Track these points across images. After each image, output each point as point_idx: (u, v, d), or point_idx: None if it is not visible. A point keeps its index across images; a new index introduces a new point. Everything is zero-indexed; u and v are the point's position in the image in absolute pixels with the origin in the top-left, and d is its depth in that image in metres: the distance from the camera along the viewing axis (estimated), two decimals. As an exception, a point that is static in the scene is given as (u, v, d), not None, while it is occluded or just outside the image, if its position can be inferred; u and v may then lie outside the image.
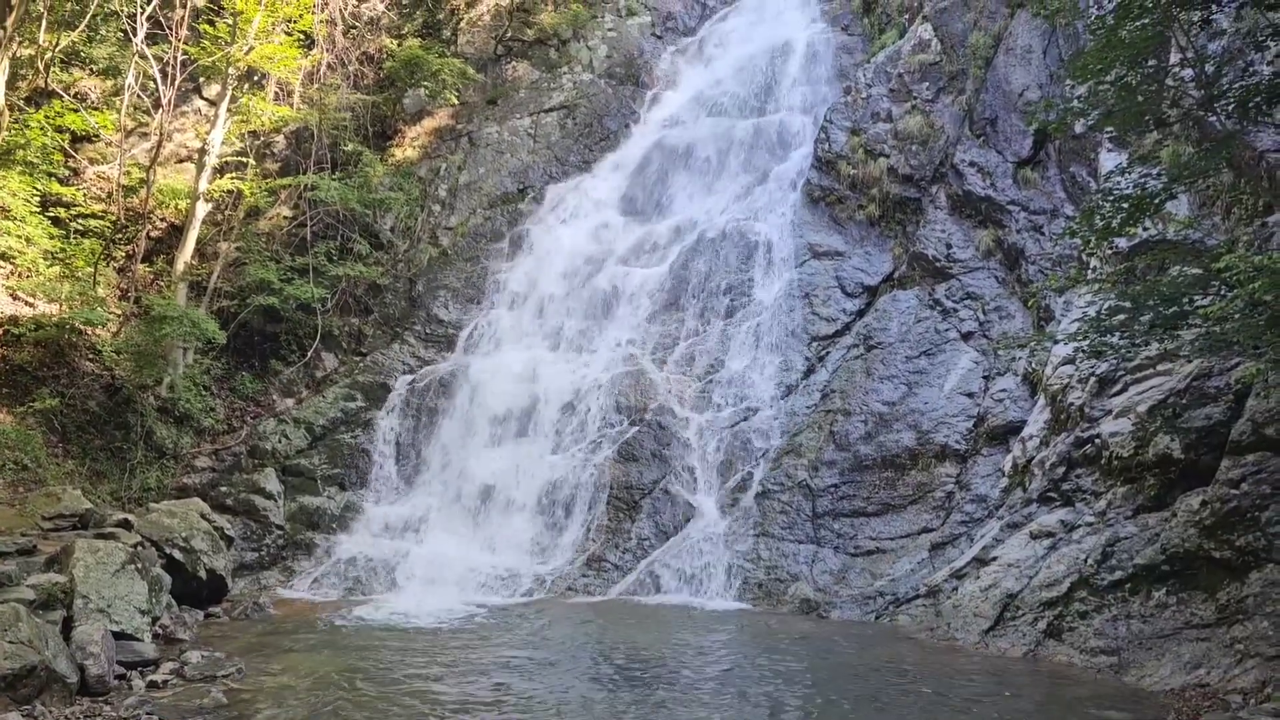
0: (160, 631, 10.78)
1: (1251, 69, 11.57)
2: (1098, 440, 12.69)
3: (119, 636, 9.58)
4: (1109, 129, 12.60)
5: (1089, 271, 14.12)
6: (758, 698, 9.39)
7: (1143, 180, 10.91)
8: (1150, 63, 10.66)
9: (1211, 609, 10.19)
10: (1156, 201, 10.65)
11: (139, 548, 11.23)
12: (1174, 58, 11.34)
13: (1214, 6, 10.49)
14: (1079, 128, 15.42)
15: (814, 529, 15.56)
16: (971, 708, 9.12)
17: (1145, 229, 11.38)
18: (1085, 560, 11.68)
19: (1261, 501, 10.14)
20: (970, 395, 16.20)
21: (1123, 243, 12.76)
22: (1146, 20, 10.17)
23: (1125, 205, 10.75)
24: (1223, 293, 9.35)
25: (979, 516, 14.51)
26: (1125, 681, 10.19)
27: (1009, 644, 11.70)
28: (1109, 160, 15.23)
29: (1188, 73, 11.09)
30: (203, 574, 12.52)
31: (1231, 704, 8.63)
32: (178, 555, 12.23)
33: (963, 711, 8.96)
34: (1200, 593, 10.40)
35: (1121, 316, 10.37)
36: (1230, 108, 10.31)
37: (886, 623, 13.49)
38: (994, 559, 12.96)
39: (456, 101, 23.15)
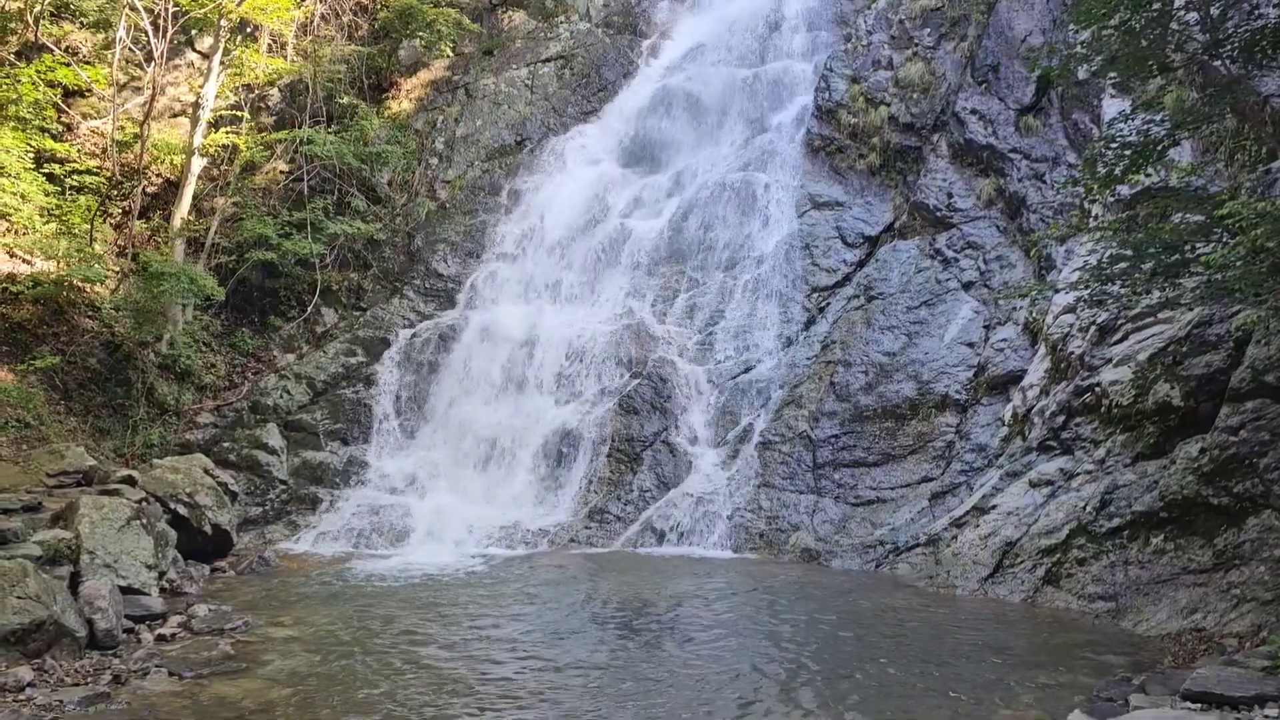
0: (167, 586, 10.89)
1: (1257, 12, 11.38)
2: (1098, 389, 12.72)
3: (126, 591, 9.67)
4: (1112, 75, 12.44)
5: (1091, 220, 14.05)
6: (759, 645, 9.51)
7: (1146, 127, 10.80)
8: (1154, 6, 10.48)
9: (1209, 555, 10.27)
10: (1160, 148, 10.55)
11: (144, 504, 11.30)
12: (1179, 1, 11.16)
13: (1220, -52, 10.29)
14: (1082, 74, 15.22)
15: (814, 479, 15.65)
16: (970, 652, 9.23)
17: (1148, 176, 11.27)
18: (1084, 508, 11.76)
19: (1260, 448, 10.18)
20: (970, 345, 16.20)
21: (1125, 190, 12.67)
22: (1151, -37, 10.00)
23: (1128, 152, 10.65)
24: (1225, 240, 9.30)
25: (979, 466, 14.58)
26: (1122, 626, 10.30)
27: (1008, 591, 11.83)
28: (1112, 107, 15.09)
29: (1192, 16, 10.92)
30: (208, 529, 12.61)
31: (1227, 648, 8.73)
32: (182, 511, 12.30)
33: (961, 655, 9.07)
34: (1198, 539, 10.48)
35: (1123, 265, 10.33)
36: (1235, 52, 10.17)
37: (886, 571, 13.62)
38: (993, 507, 13.05)
39: (452, 53, 22.87)
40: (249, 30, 20.07)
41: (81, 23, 19.41)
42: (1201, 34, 10.52)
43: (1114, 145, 10.88)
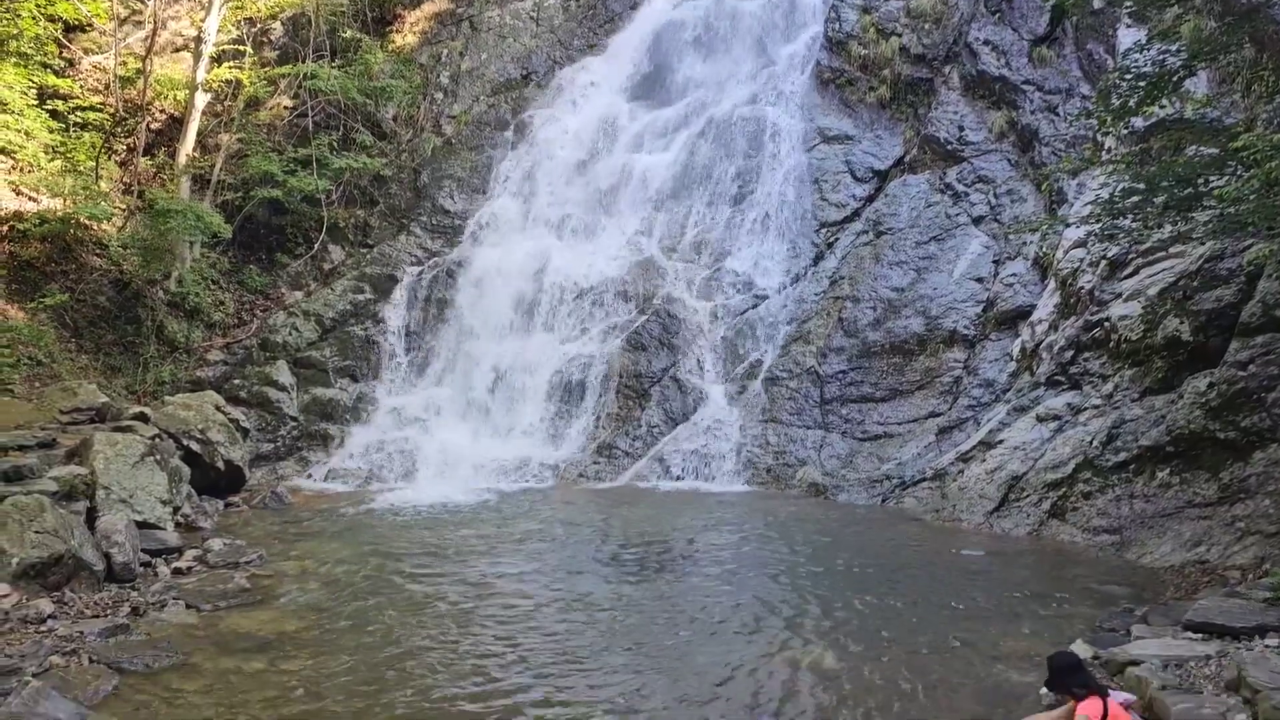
0: (182, 521, 11.03)
1: (1279, -62, 11.12)
2: (1107, 324, 12.68)
3: (142, 526, 9.81)
4: (1128, 4, 12.17)
5: (1104, 153, 13.87)
6: (764, 577, 9.63)
7: (1161, 57, 10.61)
8: (1174, -69, 10.25)
9: (1214, 488, 10.32)
10: (1175, 79, 10.37)
11: (157, 440, 11.41)
12: (1199, -74, 10.89)
13: None
14: (1097, 3, 14.96)
15: (822, 415, 15.71)
16: (974, 584, 9.34)
17: (1162, 108, 11.10)
18: (1090, 442, 11.80)
19: (1269, 382, 10.17)
20: (979, 280, 16.12)
21: (1139, 123, 12.49)
22: (1171, -114, 9.74)
23: (1143, 84, 10.48)
24: (1239, 173, 9.19)
25: (986, 401, 14.60)
26: (1126, 559, 10.40)
27: (1013, 524, 11.92)
28: (1127, 37, 14.81)
29: (1213, -58, 10.67)
30: (220, 465, 12.74)
31: (1230, 580, 8.82)
32: (195, 447, 12.43)
33: (965, 587, 9.18)
34: (1203, 473, 10.52)
35: (1135, 198, 10.22)
36: (1255, -21, 9.95)
37: (893, 505, 13.73)
38: (1000, 442, 13.10)
39: (456, -16, 22.46)
40: (250, -39, 19.75)
41: (80, -45, 19.09)
42: (1221, -39, 10.28)
43: (1128, 76, 10.71)
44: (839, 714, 6.13)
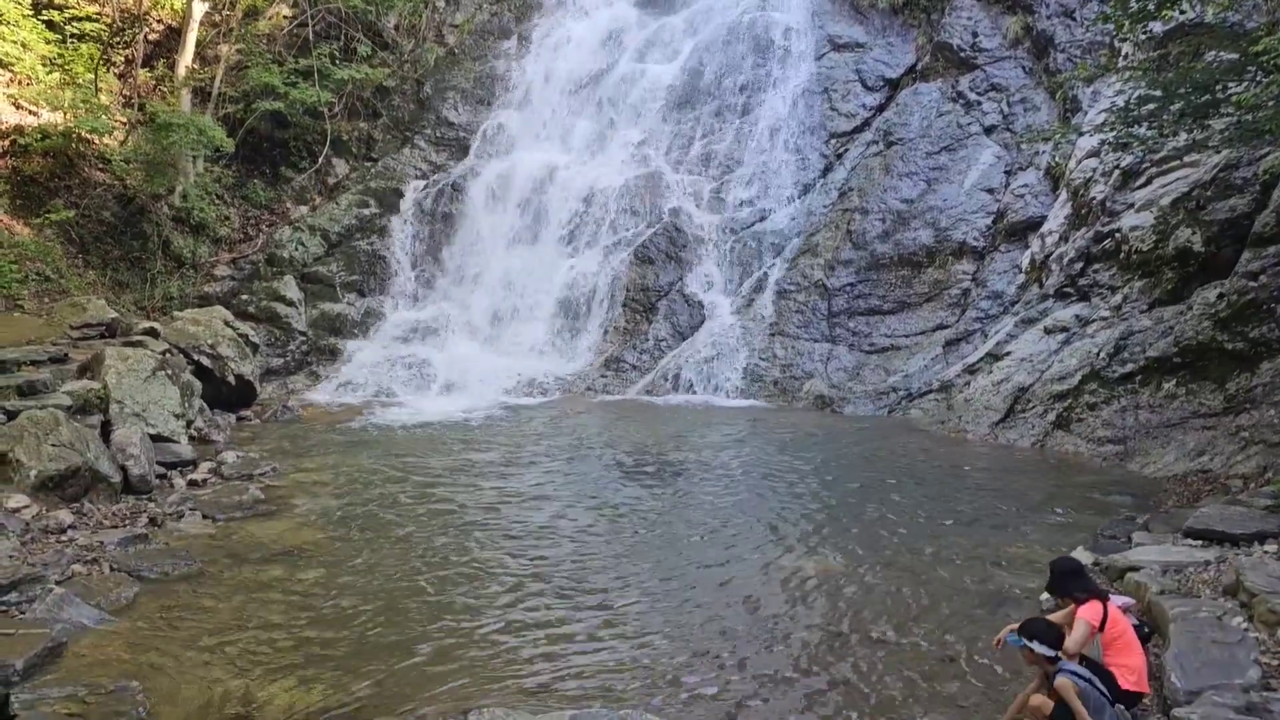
0: (195, 434, 11.15)
1: None
2: (1118, 234, 12.58)
3: (156, 439, 9.92)
4: (1151, -99, 11.79)
5: (1120, 59, 13.57)
6: (773, 485, 9.75)
7: (1183, -43, 10.30)
8: None
9: (1220, 399, 10.36)
10: (1196, -20, 10.09)
11: (168, 355, 11.47)
12: None
13: None
14: (1119, -99, 14.45)
15: (829, 328, 15.71)
16: (979, 493, 9.45)
17: (1182, 13, 10.82)
18: (1098, 354, 11.81)
19: (1279, 293, 10.12)
20: (990, 191, 15.96)
21: (1157, 28, 12.19)
22: None
23: (1163, -15, 10.19)
24: (1259, 78, 9.00)
25: (994, 313, 14.58)
26: (1130, 469, 10.49)
27: (1018, 435, 12.00)
28: (1149, -64, 14.34)
29: None
30: (231, 379, 12.83)
31: (1232, 488, 8.90)
32: (206, 361, 12.50)
33: (970, 496, 9.29)
34: (1210, 383, 10.55)
35: (1151, 106, 10.04)
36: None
37: (899, 417, 13.81)
38: (1007, 354, 13.12)
39: (456, -116, 21.79)
40: None
41: None
42: None
43: (1149, -23, 10.40)
44: (843, 615, 6.27)
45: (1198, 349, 10.75)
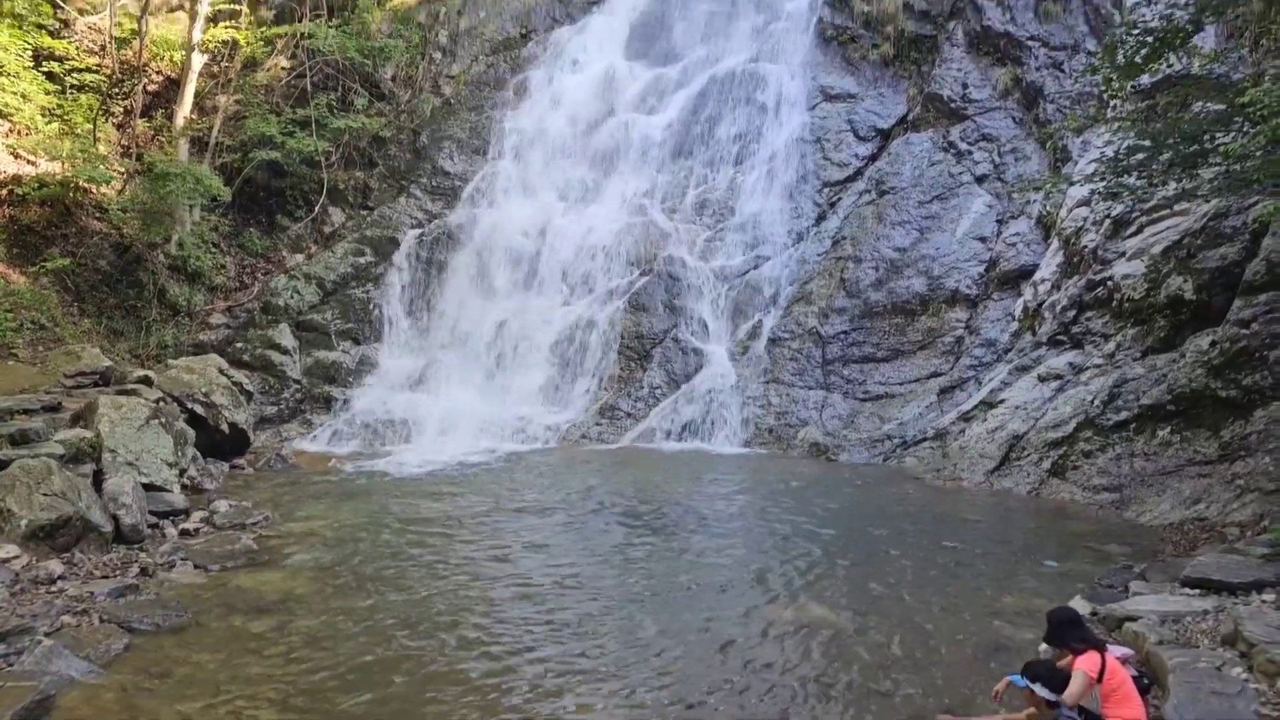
0: (188, 483, 11.08)
1: (1289, -113, 10.97)
2: (1109, 283, 12.66)
3: (149, 488, 9.86)
4: (1136, -43, 12.04)
5: (1109, 110, 13.76)
6: (770, 535, 9.69)
7: (1169, 11, 10.49)
8: (1182, -116, 10.10)
9: (1214, 446, 10.37)
10: (1183, 35, 10.27)
11: (161, 403, 11.43)
12: (1208, -122, 10.72)
13: None
14: (1104, -44, 14.77)
15: (824, 375, 15.73)
16: (975, 541, 9.41)
17: (1169, 65, 11.01)
18: (1092, 401, 11.83)
19: (1271, 340, 10.18)
20: (982, 240, 16.08)
21: (1145, 79, 12.37)
22: None
23: (1150, 39, 10.37)
24: (1245, 129, 9.13)
25: (988, 361, 14.62)
26: (1126, 517, 10.46)
27: (1013, 483, 11.98)
28: (1134, -9, 14.63)
29: (1222, -106, 10.51)
30: (225, 428, 12.77)
31: (1228, 536, 8.87)
32: (199, 410, 12.45)
33: (966, 544, 9.24)
34: (1204, 431, 10.56)
35: (1140, 156, 10.17)
36: (1265, -69, 9.82)
37: (894, 465, 13.79)
38: (1001, 401, 13.14)
39: (454, -60, 22.17)
40: (244, -81, 19.48)
41: (72, -87, 18.84)
42: (1230, -88, 10.14)
43: (1135, 31, 10.59)
44: (837, 665, 6.20)
45: (1191, 396, 10.78)
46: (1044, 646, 5.76)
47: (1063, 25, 16.99)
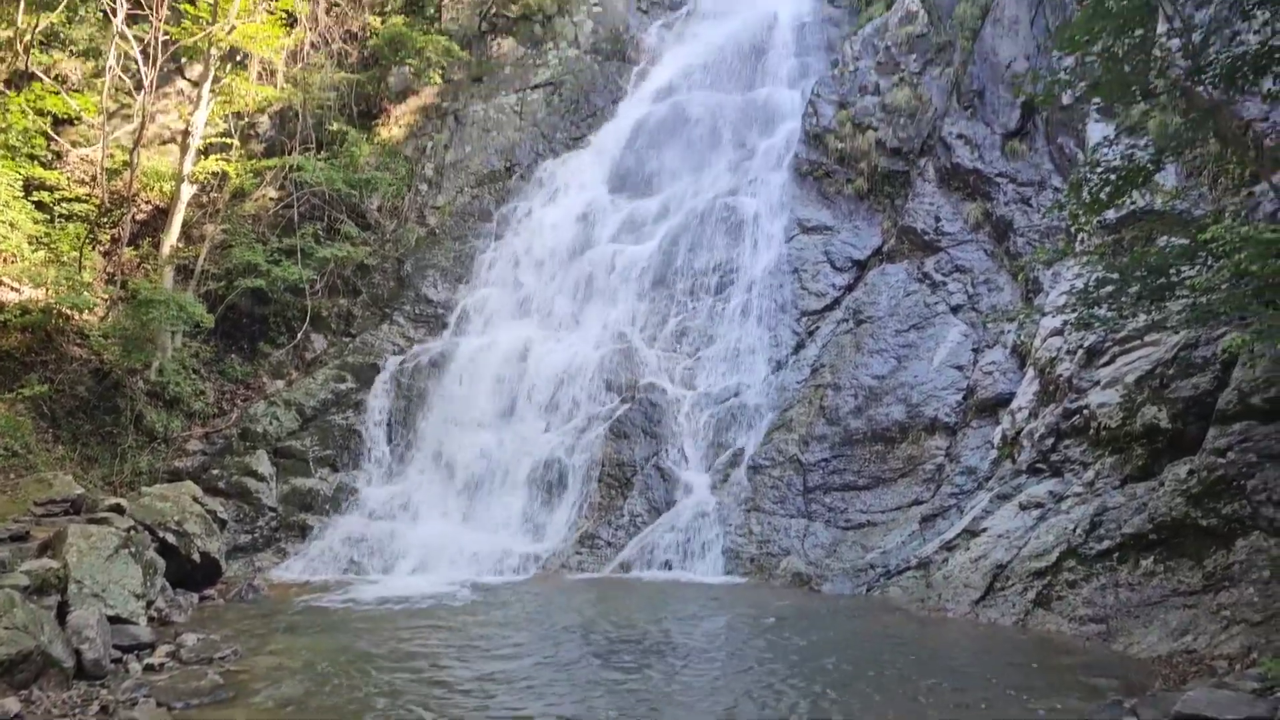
0: (155, 615, 10.80)
1: (1238, 38, 11.55)
2: (1086, 411, 12.77)
3: (114, 620, 9.60)
4: (1096, 100, 12.60)
5: (1077, 243, 14.15)
6: (752, 669, 9.47)
7: (1130, 151, 10.91)
8: (1137, 32, 10.61)
9: (1198, 577, 10.29)
10: (1145, 174, 10.66)
11: (132, 532, 11.23)
12: (1161, 27, 11.30)
13: (1200, -25, 10.45)
14: (1066, 99, 15.40)
15: (805, 503, 15.65)
16: (961, 676, 9.21)
17: (1133, 201, 11.40)
18: (1074, 530, 11.78)
19: (1248, 470, 10.23)
20: (959, 368, 16.26)
21: (1110, 214, 12.78)
22: (1133, -10, 10.14)
23: (1113, 177, 10.75)
24: (1209, 263, 9.39)
25: (969, 488, 14.59)
26: (1113, 649, 10.29)
27: (999, 614, 11.81)
28: (1096, 131, 15.24)
29: (1175, 43, 11.06)
30: (196, 557, 12.53)
31: (1218, 670, 8.73)
32: (171, 539, 12.23)
33: (952, 680, 9.05)
34: (1187, 560, 10.50)
35: (1109, 288, 10.41)
36: (1217, 78, 10.29)
37: (878, 595, 13.60)
38: (984, 530, 13.06)
39: (442, 80, 23.00)
40: (239, 58, 20.18)
41: (71, 51, 19.50)
42: (1184, 60, 10.65)
43: (1099, 170, 10.98)
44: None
45: (1172, 525, 10.76)
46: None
47: (1028, 163, 17.60)
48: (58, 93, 18.13)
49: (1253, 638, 9.07)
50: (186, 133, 18.32)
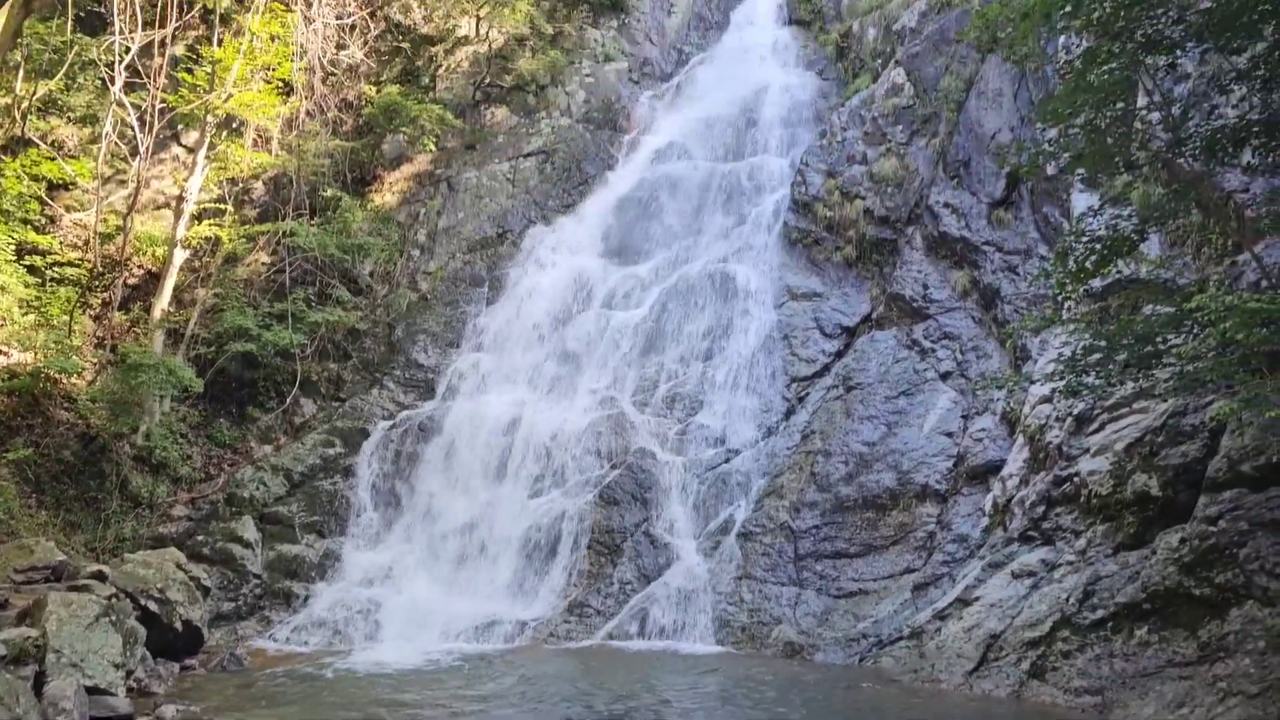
0: (135, 685, 10.58)
1: (1217, 112, 11.82)
2: (1076, 479, 12.76)
3: (92, 691, 9.39)
4: (1080, 171, 12.81)
5: (1064, 311, 14.27)
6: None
7: (1114, 221, 11.08)
8: (1118, 106, 10.85)
9: (1193, 647, 10.19)
10: (1128, 243, 10.80)
11: (113, 600, 11.04)
12: (1141, 101, 11.56)
13: (1179, 51, 10.71)
14: (1050, 170, 15.67)
15: (796, 571, 15.51)
16: (957, 751, 9.07)
17: (1119, 270, 11.54)
18: (1067, 599, 11.68)
19: (1239, 538, 10.19)
20: (949, 435, 16.25)
21: (1096, 282, 12.92)
22: (1114, 65, 10.38)
23: (1098, 246, 10.90)
24: (1195, 332, 9.48)
25: (961, 556, 14.50)
26: (1110, 721, 10.15)
27: (993, 685, 11.66)
28: (1081, 201, 15.46)
29: (1155, 116, 11.31)
30: (178, 625, 12.31)
31: (1216, 743, 8.61)
32: (153, 607, 12.02)
33: (948, 755, 8.90)
34: (1182, 630, 10.41)
35: (1097, 356, 10.48)
36: (1198, 150, 10.50)
37: (870, 665, 13.42)
38: (976, 599, 12.94)
39: (435, 147, 23.26)
40: (234, 125, 20.39)
41: (69, 117, 19.69)
42: (1164, 133, 10.87)
43: (1084, 239, 11.14)
44: None
45: (1166, 595, 10.68)
46: None
47: (1014, 232, 17.80)
48: (54, 158, 18.27)
49: (1250, 710, 8.96)
50: (181, 198, 18.44)
